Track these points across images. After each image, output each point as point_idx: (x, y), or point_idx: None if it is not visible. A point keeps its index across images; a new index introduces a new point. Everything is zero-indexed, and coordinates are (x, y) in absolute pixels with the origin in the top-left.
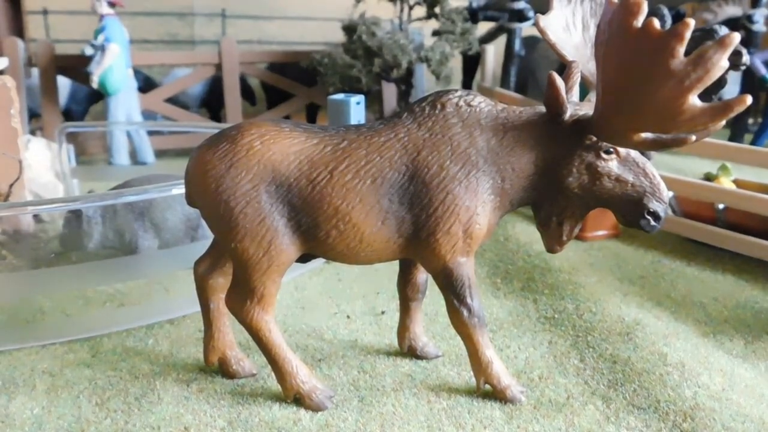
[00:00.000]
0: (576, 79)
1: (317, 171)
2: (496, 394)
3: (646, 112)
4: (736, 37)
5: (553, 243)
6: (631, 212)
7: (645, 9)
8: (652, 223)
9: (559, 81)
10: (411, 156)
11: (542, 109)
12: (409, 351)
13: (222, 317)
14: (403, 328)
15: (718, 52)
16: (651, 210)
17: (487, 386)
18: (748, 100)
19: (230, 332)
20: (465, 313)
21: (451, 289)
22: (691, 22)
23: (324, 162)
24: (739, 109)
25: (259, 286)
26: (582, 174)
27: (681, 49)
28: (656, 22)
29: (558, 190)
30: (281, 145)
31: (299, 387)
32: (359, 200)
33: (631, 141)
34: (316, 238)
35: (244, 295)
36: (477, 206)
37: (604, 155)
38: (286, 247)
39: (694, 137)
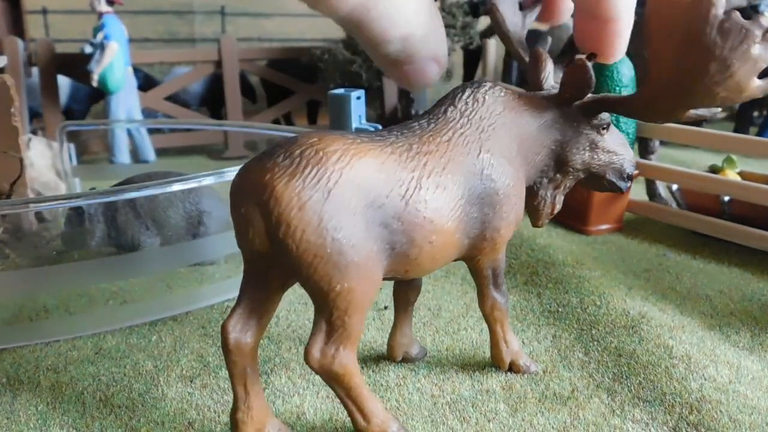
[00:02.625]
0: (551, 65)
1: (406, 182)
2: (517, 370)
3: (719, 91)
4: None
5: (542, 218)
6: (613, 178)
7: (723, 1)
8: (628, 183)
9: (588, 64)
10: (475, 153)
11: (544, 93)
12: (404, 359)
13: (258, 380)
14: (399, 335)
15: None
16: (629, 173)
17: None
18: None
19: (264, 397)
20: (501, 299)
21: (494, 279)
22: None
23: (408, 171)
24: None
25: (357, 327)
26: (585, 150)
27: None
28: (738, 14)
29: (558, 168)
30: (366, 160)
31: (384, 428)
32: (446, 206)
33: (681, 117)
34: (407, 258)
35: (338, 343)
36: (522, 194)
37: (602, 131)
38: (381, 276)
39: (720, 109)
